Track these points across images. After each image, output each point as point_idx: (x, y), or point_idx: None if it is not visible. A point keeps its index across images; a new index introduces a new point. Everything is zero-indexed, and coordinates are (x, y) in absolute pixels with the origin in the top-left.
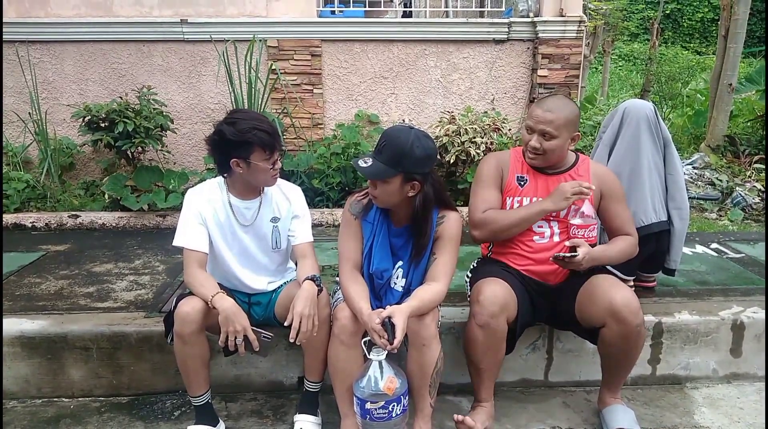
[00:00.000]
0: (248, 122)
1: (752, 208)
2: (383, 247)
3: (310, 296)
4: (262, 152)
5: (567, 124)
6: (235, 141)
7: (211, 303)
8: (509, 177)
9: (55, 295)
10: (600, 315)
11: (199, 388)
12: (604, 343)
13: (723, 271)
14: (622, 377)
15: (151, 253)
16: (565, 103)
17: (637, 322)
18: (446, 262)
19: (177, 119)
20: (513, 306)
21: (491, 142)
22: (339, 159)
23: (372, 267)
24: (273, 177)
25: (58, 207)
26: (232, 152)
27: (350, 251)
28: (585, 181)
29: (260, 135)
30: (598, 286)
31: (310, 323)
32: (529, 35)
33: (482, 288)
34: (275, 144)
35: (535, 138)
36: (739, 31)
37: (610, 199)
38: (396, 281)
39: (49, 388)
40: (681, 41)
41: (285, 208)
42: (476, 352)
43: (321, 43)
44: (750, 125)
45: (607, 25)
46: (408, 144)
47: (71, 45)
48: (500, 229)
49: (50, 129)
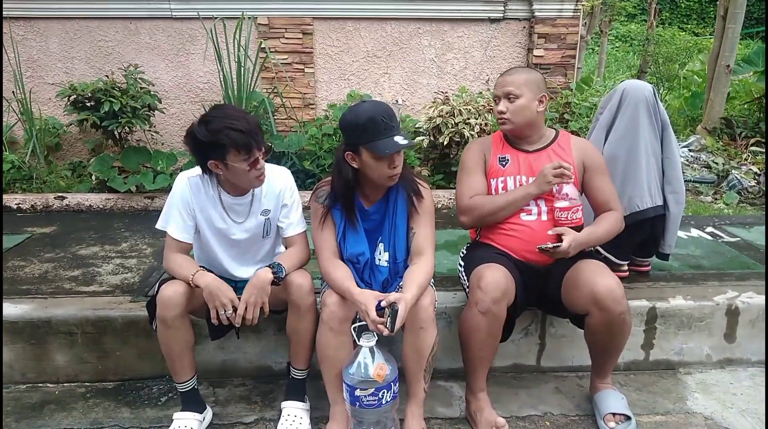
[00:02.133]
0: (221, 121)
1: (748, 192)
2: (355, 230)
3: (259, 284)
4: (238, 153)
5: (528, 82)
6: (207, 142)
7: (192, 281)
8: (492, 159)
9: (39, 279)
10: (583, 302)
11: (184, 373)
12: (589, 331)
13: (718, 256)
14: (611, 364)
15: (138, 235)
16: (526, 68)
17: (621, 310)
18: (427, 235)
19: (165, 99)
20: (512, 291)
21: (485, 123)
22: (331, 140)
23: (346, 252)
24: (258, 178)
25: (44, 188)
26: (207, 154)
27: (325, 240)
28: (567, 155)
29: (233, 135)
30: (582, 272)
31: (255, 312)
32: (525, 14)
33: (483, 273)
34: (251, 143)
35: (501, 102)
36: (738, 11)
37: (594, 172)
38: (380, 257)
39: (34, 374)
40: (678, 22)
41: (274, 198)
42: (477, 340)
43: (313, 20)
44: (747, 107)
45: (604, 4)
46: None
47: (56, 22)
48: (487, 213)
49: (35, 108)
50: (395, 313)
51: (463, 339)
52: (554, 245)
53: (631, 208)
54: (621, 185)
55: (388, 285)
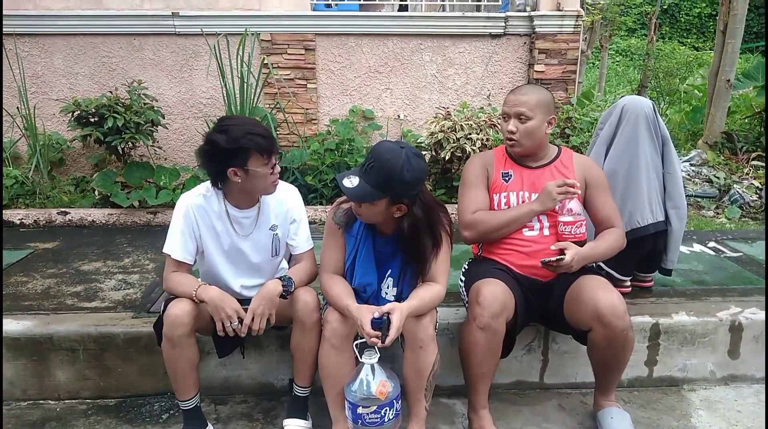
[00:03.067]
0: (241, 128)
1: (750, 206)
2: (367, 261)
3: (267, 295)
4: (260, 157)
5: (540, 104)
6: (230, 149)
7: (196, 296)
8: (495, 174)
9: (41, 295)
10: (586, 318)
11: (187, 392)
12: (592, 347)
13: (721, 271)
14: (614, 380)
15: (140, 250)
16: (537, 88)
17: (623, 326)
18: (442, 263)
19: (168, 114)
20: (512, 306)
21: (487, 138)
22: (333, 155)
23: (355, 281)
24: (273, 183)
25: (47, 203)
26: (227, 162)
27: (331, 259)
28: (570, 172)
29: (256, 139)
30: (584, 287)
31: (262, 322)
32: (525, 30)
33: (481, 289)
34: (272, 147)
35: (512, 122)
36: (738, 26)
37: (595, 189)
38: (387, 291)
39: (35, 391)
40: (678, 36)
41: (282, 214)
42: (477, 355)
43: (315, 36)
44: (748, 122)
45: (604, 19)
46: (398, 168)
47: (61, 38)
48: (490, 229)
49: (39, 124)
50: (387, 323)
51: (463, 355)
52: (558, 258)
53: (631, 224)
54: (621, 201)
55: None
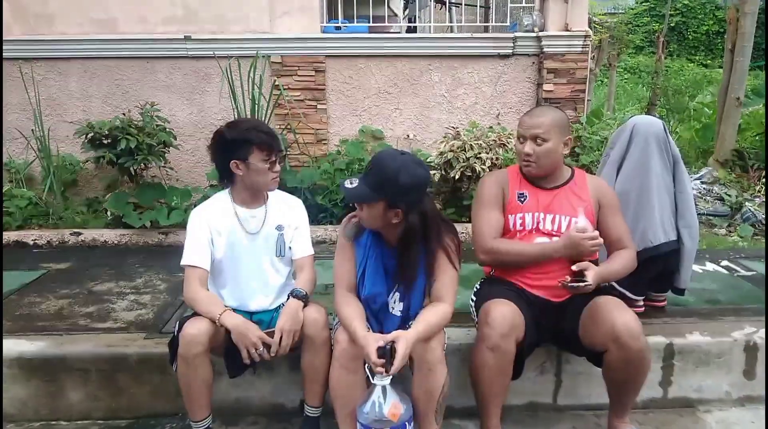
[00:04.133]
0: (248, 123)
1: (762, 224)
2: (376, 270)
3: (292, 312)
4: (260, 152)
5: (555, 125)
6: (234, 140)
7: (219, 321)
8: (510, 195)
9: (54, 316)
10: (602, 339)
11: (201, 412)
12: (608, 368)
13: (734, 290)
14: (629, 402)
15: (152, 271)
16: (552, 109)
17: (639, 346)
18: (447, 282)
19: (180, 136)
20: (521, 327)
21: (497, 157)
22: (343, 175)
23: (365, 292)
24: (273, 180)
25: (61, 224)
26: (231, 154)
27: (344, 274)
28: (584, 193)
29: (259, 134)
30: (599, 307)
31: (289, 338)
32: (534, 50)
33: (490, 309)
34: (273, 144)
35: (528, 144)
36: (746, 44)
37: (608, 210)
38: (393, 306)
39: (47, 411)
40: (686, 54)
41: (289, 217)
42: (487, 376)
43: (325, 58)
44: (759, 139)
45: (612, 38)
46: (393, 171)
47: (75, 62)
48: (509, 262)
49: (53, 146)
50: (392, 353)
51: (473, 376)
52: (585, 284)
53: (644, 243)
54: (633, 221)
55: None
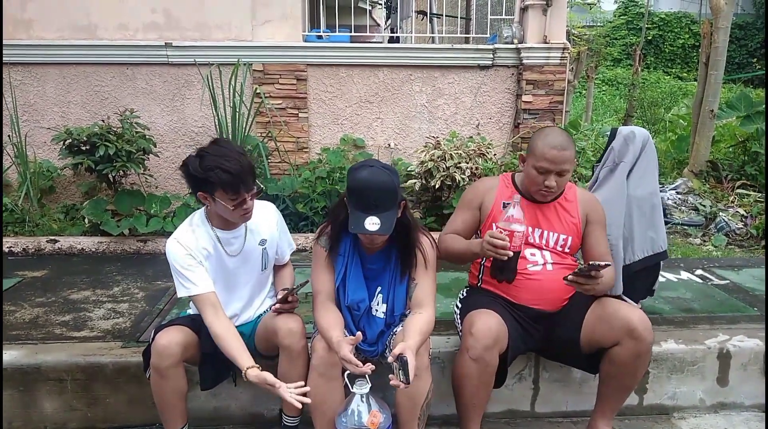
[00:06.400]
0: (214, 159)
1: (735, 234)
2: (357, 277)
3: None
4: (225, 193)
5: (574, 153)
6: (197, 177)
7: (245, 376)
8: (494, 203)
9: (29, 324)
10: (614, 334)
11: (175, 423)
12: (613, 363)
13: (708, 299)
14: (622, 401)
15: (130, 279)
16: (568, 136)
17: (651, 339)
18: (428, 287)
19: (160, 143)
20: (504, 338)
21: (476, 167)
22: (324, 183)
23: (347, 299)
24: (242, 216)
25: (37, 231)
26: (197, 186)
27: (322, 284)
28: (573, 207)
29: (222, 176)
30: (608, 305)
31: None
32: (513, 61)
33: (474, 320)
34: (239, 186)
35: (552, 178)
36: (719, 58)
37: (595, 226)
38: (377, 308)
39: (21, 422)
40: (663, 66)
41: (268, 228)
42: (469, 386)
43: (306, 67)
44: (732, 151)
45: (590, 50)
46: (391, 179)
47: (53, 67)
48: (447, 255)
49: (30, 152)
50: (405, 364)
51: (456, 385)
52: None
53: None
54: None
55: (383, 336)
